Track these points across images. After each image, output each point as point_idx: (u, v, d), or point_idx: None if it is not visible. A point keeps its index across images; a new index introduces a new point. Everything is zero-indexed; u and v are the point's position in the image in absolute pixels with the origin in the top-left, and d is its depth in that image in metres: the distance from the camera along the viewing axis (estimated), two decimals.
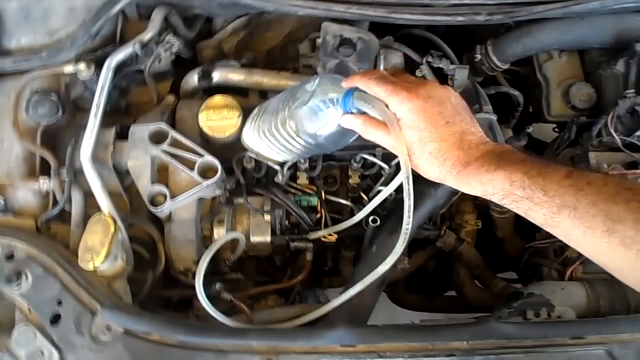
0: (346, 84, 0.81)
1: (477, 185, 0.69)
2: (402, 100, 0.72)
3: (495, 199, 0.67)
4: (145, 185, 0.98)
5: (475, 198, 1.17)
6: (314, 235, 1.06)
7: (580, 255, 0.98)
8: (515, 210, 0.66)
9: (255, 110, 0.98)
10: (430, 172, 0.74)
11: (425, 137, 0.71)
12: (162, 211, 0.97)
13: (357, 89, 0.78)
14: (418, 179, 1.05)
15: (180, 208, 0.99)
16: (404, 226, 0.77)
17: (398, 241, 0.79)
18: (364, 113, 0.78)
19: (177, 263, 1.04)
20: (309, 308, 1.03)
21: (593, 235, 0.59)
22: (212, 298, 0.94)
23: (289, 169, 1.04)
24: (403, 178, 0.74)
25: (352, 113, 0.79)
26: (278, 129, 0.89)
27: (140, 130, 0.99)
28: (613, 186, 0.59)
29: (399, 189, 1.05)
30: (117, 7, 1.01)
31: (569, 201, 0.60)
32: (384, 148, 0.79)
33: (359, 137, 0.89)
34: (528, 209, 0.64)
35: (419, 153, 0.72)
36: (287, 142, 0.90)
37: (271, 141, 0.92)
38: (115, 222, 0.92)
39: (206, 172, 0.97)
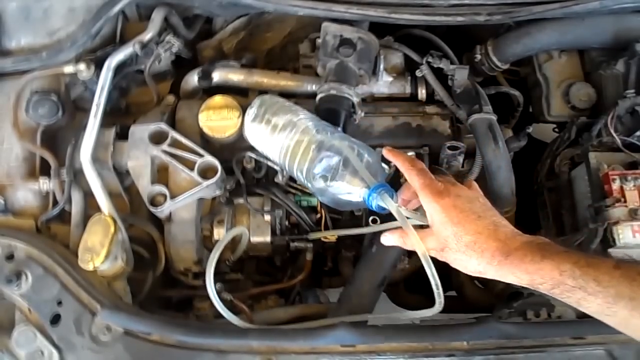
0: (389, 154, 0.85)
1: (523, 275, 0.69)
2: (433, 199, 0.75)
3: (543, 288, 0.67)
4: (145, 186, 0.98)
5: None
6: (314, 235, 1.06)
7: None
8: (566, 300, 0.66)
9: (258, 102, 0.96)
10: (470, 265, 0.74)
11: (460, 231, 0.73)
12: (162, 211, 0.97)
13: (383, 186, 0.80)
14: None
15: (180, 208, 0.99)
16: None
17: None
18: (383, 209, 0.80)
19: (177, 263, 1.04)
20: (309, 308, 1.03)
21: None
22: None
23: None
24: (430, 277, 0.76)
25: (371, 209, 0.82)
26: (292, 153, 0.89)
27: (140, 131, 0.99)
28: None
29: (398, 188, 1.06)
30: (117, 7, 1.01)
31: (624, 292, 0.61)
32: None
33: (356, 136, 0.89)
34: (581, 298, 0.64)
35: (455, 247, 0.73)
36: (289, 165, 0.90)
37: (277, 149, 0.92)
38: (115, 222, 0.92)
39: (206, 173, 0.97)
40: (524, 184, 1.11)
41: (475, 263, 0.72)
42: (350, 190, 0.82)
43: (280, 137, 0.91)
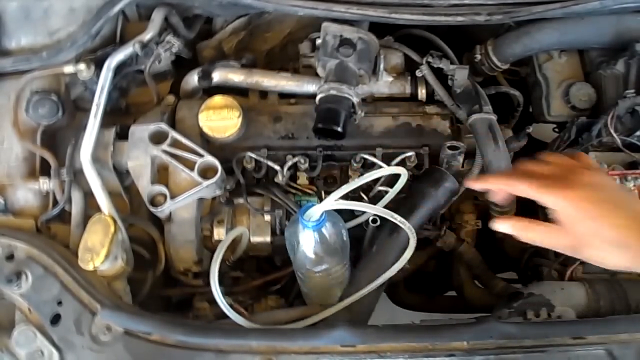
0: (484, 184, 0.77)
1: None
2: (563, 196, 0.68)
3: None
4: (145, 186, 0.98)
5: (475, 197, 1.17)
6: None
7: None
8: None
9: None
10: (609, 261, 0.68)
11: (599, 227, 0.67)
12: (162, 211, 0.97)
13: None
14: (417, 178, 1.05)
15: (180, 208, 0.99)
16: None
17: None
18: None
19: (177, 263, 1.04)
20: (309, 309, 1.03)
21: None
22: (212, 300, 0.94)
23: (289, 169, 1.04)
24: None
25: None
26: None
27: (140, 131, 0.99)
28: None
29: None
30: (117, 7, 1.01)
31: None
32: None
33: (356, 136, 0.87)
34: None
35: (596, 244, 0.68)
36: None
37: None
38: (115, 222, 0.92)
39: (206, 172, 0.97)
40: None
41: (617, 259, 0.67)
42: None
43: None
